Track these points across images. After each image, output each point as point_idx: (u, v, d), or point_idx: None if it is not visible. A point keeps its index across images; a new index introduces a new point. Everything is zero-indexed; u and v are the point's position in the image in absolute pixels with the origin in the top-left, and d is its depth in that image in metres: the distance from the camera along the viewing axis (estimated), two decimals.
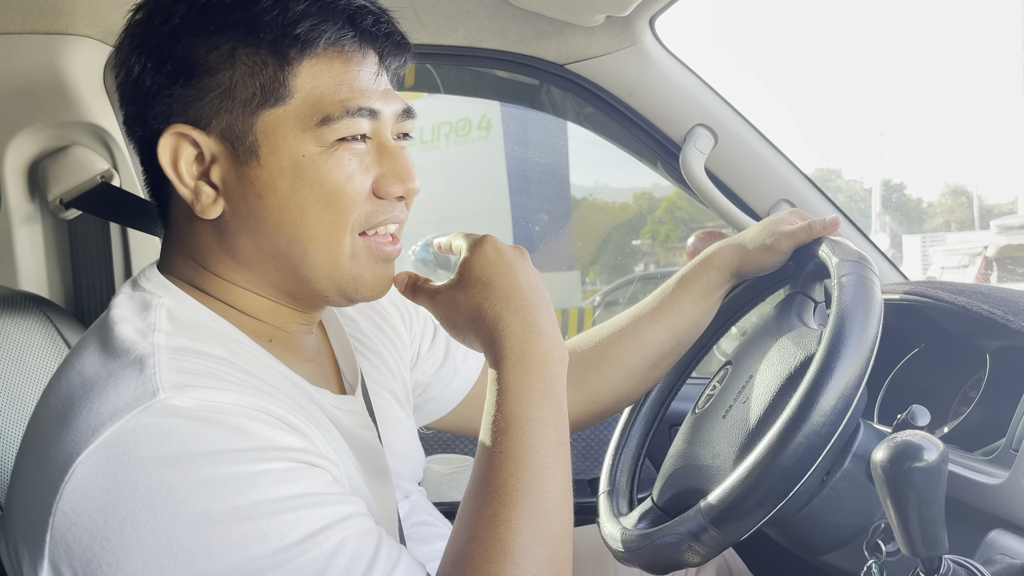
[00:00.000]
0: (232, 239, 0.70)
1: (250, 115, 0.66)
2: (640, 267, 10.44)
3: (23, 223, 1.29)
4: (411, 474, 0.94)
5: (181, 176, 0.67)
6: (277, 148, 0.67)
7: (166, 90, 0.67)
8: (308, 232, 0.68)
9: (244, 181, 0.67)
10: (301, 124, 0.67)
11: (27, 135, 1.26)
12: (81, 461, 0.56)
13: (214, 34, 0.66)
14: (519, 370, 0.68)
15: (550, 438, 0.66)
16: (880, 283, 0.83)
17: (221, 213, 0.68)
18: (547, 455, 0.65)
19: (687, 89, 1.33)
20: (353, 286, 0.72)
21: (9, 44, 1.22)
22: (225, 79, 0.66)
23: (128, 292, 0.71)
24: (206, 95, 0.66)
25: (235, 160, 0.67)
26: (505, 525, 0.62)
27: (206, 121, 0.67)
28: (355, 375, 0.84)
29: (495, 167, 7.87)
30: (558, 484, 0.65)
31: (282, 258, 0.70)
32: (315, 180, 0.67)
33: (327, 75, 0.67)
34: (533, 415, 0.67)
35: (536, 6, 1.21)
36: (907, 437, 0.64)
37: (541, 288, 0.75)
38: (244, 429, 0.58)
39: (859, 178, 29.10)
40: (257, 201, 0.67)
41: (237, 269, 0.71)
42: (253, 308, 0.73)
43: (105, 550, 0.55)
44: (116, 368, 0.61)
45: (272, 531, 0.56)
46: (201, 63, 0.66)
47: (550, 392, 0.69)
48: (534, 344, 0.70)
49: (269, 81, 0.66)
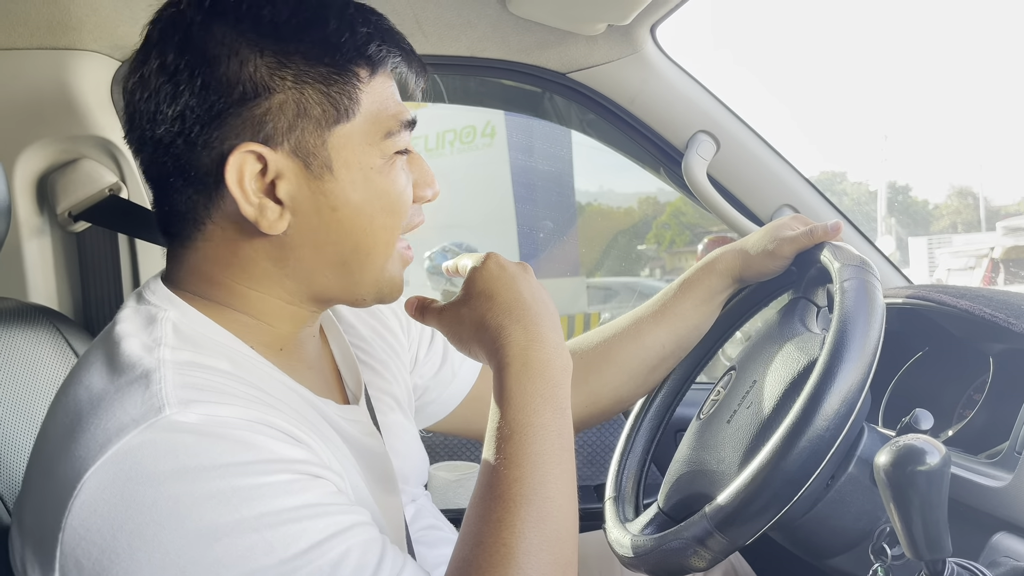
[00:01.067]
0: (291, 251, 0.71)
1: (322, 131, 0.68)
2: (645, 272, 10.43)
3: (33, 236, 1.30)
4: (416, 478, 0.95)
5: (246, 194, 0.67)
6: (348, 162, 0.70)
7: (232, 111, 0.66)
8: (374, 239, 0.72)
9: (318, 195, 0.69)
10: (367, 139, 0.70)
11: (36, 149, 1.28)
12: (89, 477, 0.57)
13: (286, 53, 0.67)
14: (522, 377, 0.69)
15: (553, 444, 0.67)
16: (883, 287, 0.83)
17: (286, 228, 0.69)
18: (550, 460, 0.66)
19: (688, 96, 1.34)
20: (389, 289, 0.76)
21: (18, 60, 1.24)
22: (298, 97, 0.67)
23: (133, 306, 0.71)
24: (278, 114, 0.67)
25: (308, 175, 0.69)
26: (509, 530, 0.62)
27: (276, 139, 0.67)
28: (358, 384, 0.85)
29: (500, 174, 7.88)
30: (562, 489, 0.66)
31: (340, 265, 0.72)
32: (382, 191, 0.71)
33: (382, 92, 0.71)
34: (536, 421, 0.67)
35: (538, 16, 1.22)
36: (910, 441, 0.64)
37: (545, 300, 0.76)
38: (248, 442, 0.59)
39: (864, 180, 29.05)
40: (331, 213, 0.70)
41: (280, 281, 0.72)
42: (273, 316, 0.74)
43: (114, 564, 0.56)
44: (122, 383, 0.62)
45: (277, 542, 0.56)
46: (272, 83, 0.67)
47: (553, 399, 0.69)
48: (536, 352, 0.70)
49: (340, 98, 0.69)
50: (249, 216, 0.68)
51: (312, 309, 0.76)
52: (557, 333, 0.74)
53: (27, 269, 1.29)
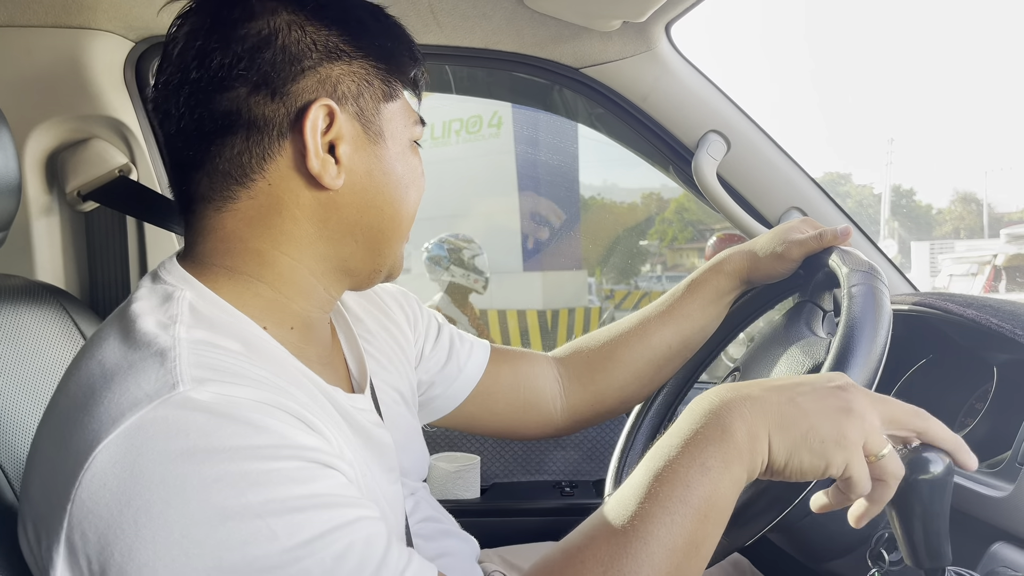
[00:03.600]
0: (335, 211, 0.73)
1: (379, 102, 0.75)
2: (647, 267, 10.43)
3: (41, 214, 1.30)
4: (417, 471, 0.95)
5: (317, 147, 0.71)
6: (395, 135, 0.76)
7: (320, 64, 0.71)
8: (406, 210, 0.78)
9: (372, 159, 0.75)
10: (404, 120, 0.77)
11: (47, 127, 1.28)
12: (101, 450, 0.57)
13: (360, 30, 0.74)
14: (709, 441, 0.63)
15: (684, 497, 0.61)
16: (889, 294, 0.83)
17: (340, 186, 0.73)
18: (672, 511, 0.61)
19: (701, 95, 1.34)
20: (398, 266, 0.81)
21: (32, 37, 1.24)
22: (366, 67, 0.74)
23: (149, 285, 0.71)
24: (349, 78, 0.73)
25: (367, 139, 0.74)
26: (593, 552, 0.60)
27: (345, 101, 0.72)
28: (363, 375, 0.85)
29: (505, 164, 7.87)
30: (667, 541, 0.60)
31: (375, 231, 0.76)
32: (414, 167, 0.78)
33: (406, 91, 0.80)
34: (706, 480, 0.62)
35: (553, 10, 1.22)
36: (915, 449, 0.65)
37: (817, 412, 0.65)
38: (260, 425, 0.58)
39: (869, 183, 28.97)
40: (383, 177, 0.75)
41: (313, 243, 0.74)
42: (294, 287, 0.74)
43: (118, 539, 0.56)
44: (137, 359, 0.62)
45: (281, 530, 0.56)
46: (347, 50, 0.73)
47: (715, 470, 0.62)
48: (737, 429, 0.63)
49: (391, 79, 0.76)
50: (313, 169, 0.71)
51: (329, 288, 0.77)
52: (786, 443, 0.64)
53: (35, 247, 1.29)
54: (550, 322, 6.83)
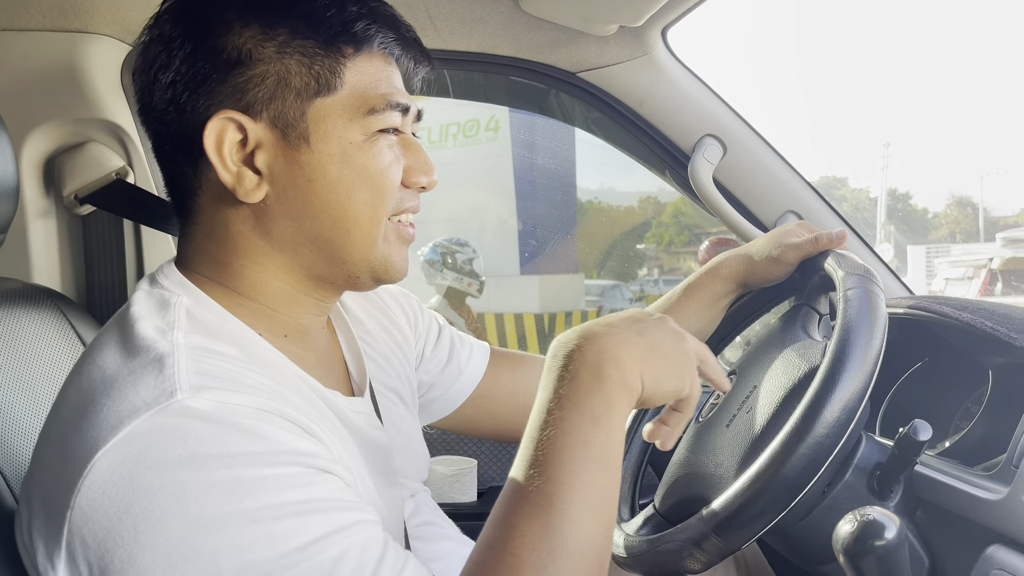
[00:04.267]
0: (271, 223, 0.72)
1: (302, 103, 0.70)
2: (644, 271, 10.44)
3: (38, 218, 1.30)
4: (417, 474, 0.95)
5: (224, 161, 0.69)
6: (327, 135, 0.70)
7: (216, 77, 0.69)
8: (353, 214, 0.72)
9: (294, 165, 0.70)
10: (348, 114, 0.71)
11: (44, 131, 1.28)
12: (100, 457, 0.57)
13: (271, 25, 0.69)
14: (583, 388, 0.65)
15: (584, 455, 0.63)
16: (885, 297, 0.84)
17: (263, 197, 0.71)
18: (579, 474, 0.62)
19: (697, 99, 1.34)
20: (384, 267, 0.76)
21: (29, 41, 1.24)
22: (280, 68, 0.69)
23: (146, 289, 0.72)
24: (259, 83, 0.69)
25: (285, 146, 0.70)
26: (520, 538, 0.60)
27: (256, 108, 0.69)
28: (363, 377, 0.85)
29: (502, 168, 7.88)
30: (581, 502, 0.62)
31: (322, 240, 0.72)
32: (361, 166, 0.72)
33: (372, 71, 0.72)
34: (578, 436, 0.63)
35: (550, 15, 1.22)
36: (869, 515, 0.67)
37: (669, 353, 0.70)
38: (257, 432, 0.59)
39: (865, 187, 29.05)
40: (307, 185, 0.71)
41: (270, 254, 0.73)
42: (276, 299, 0.74)
43: (118, 546, 0.56)
44: (136, 366, 0.62)
45: (279, 535, 0.56)
46: (255, 53, 0.69)
47: (604, 417, 0.64)
48: (610, 369, 0.66)
49: (323, 72, 0.70)
50: (227, 183, 0.70)
51: (314, 295, 0.76)
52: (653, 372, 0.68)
53: (32, 251, 1.29)
54: (547, 326, 6.84)
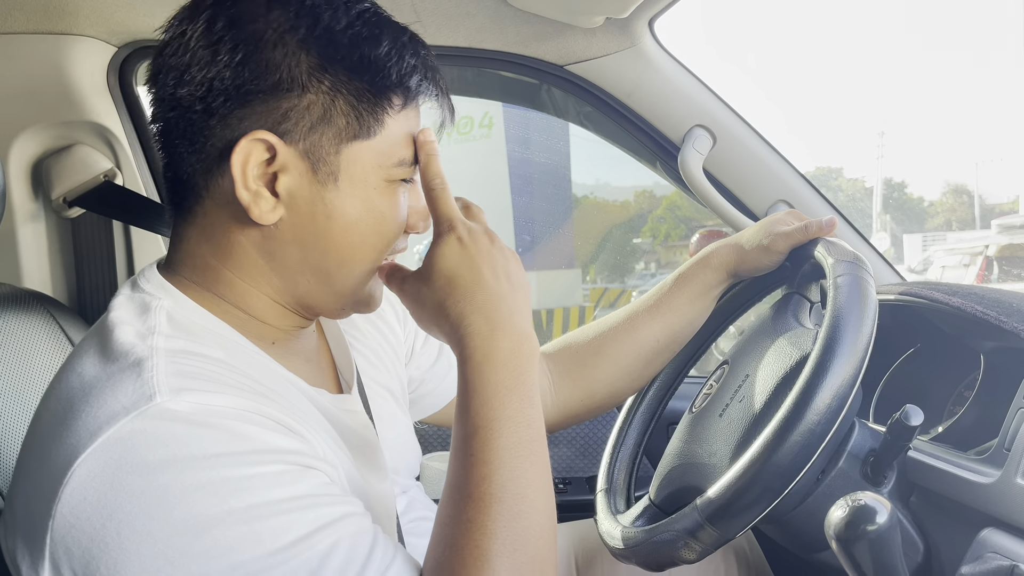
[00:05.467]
0: (277, 247, 0.70)
1: (339, 142, 0.68)
2: (640, 265, 10.44)
3: (27, 221, 1.30)
4: (408, 469, 0.95)
5: (246, 179, 0.67)
6: (354, 177, 0.69)
7: (261, 96, 0.66)
8: (360, 256, 0.72)
9: (317, 200, 0.69)
10: (379, 160, 0.70)
11: (31, 134, 1.27)
12: (79, 464, 0.57)
13: (331, 60, 0.67)
14: (484, 368, 0.67)
15: (521, 436, 0.65)
16: (876, 284, 0.84)
17: (276, 221, 0.69)
18: (519, 454, 0.64)
19: (686, 90, 1.34)
20: (367, 301, 0.76)
21: (14, 44, 1.24)
22: (326, 103, 0.67)
23: (127, 293, 0.71)
24: (303, 113, 0.67)
25: (313, 179, 0.68)
26: (481, 531, 0.61)
27: (294, 136, 0.67)
28: (351, 373, 0.85)
29: (497, 165, 7.87)
30: (533, 483, 0.64)
31: (323, 273, 0.71)
32: (378, 212, 0.71)
33: (409, 122, 0.72)
34: (502, 415, 0.66)
35: (536, 8, 1.22)
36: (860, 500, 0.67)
37: (511, 277, 0.73)
38: (239, 432, 0.58)
39: (860, 177, 29.09)
40: (326, 220, 0.69)
41: (266, 275, 0.72)
42: (263, 312, 0.73)
43: (103, 553, 0.56)
44: (114, 371, 0.61)
45: (266, 533, 0.56)
46: (308, 83, 0.66)
47: (519, 388, 0.67)
48: (500, 341, 0.68)
49: (367, 117, 0.69)
50: (242, 200, 0.67)
51: (297, 311, 0.75)
52: (522, 317, 0.71)
53: (21, 255, 1.29)
54: (544, 321, 6.83)
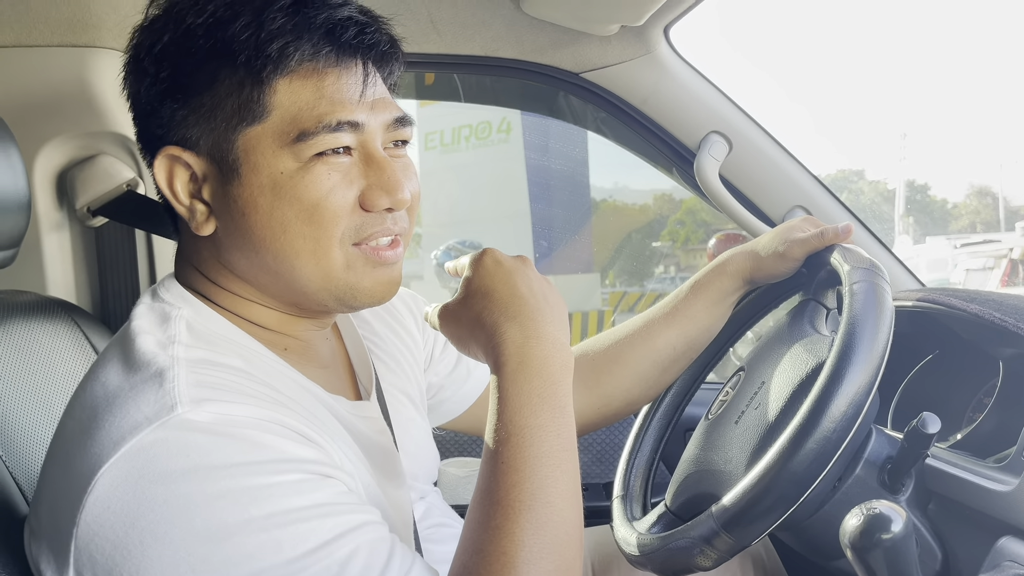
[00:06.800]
0: (228, 254, 0.71)
1: (231, 133, 0.67)
2: (660, 269, 10.40)
3: (52, 230, 1.32)
4: (426, 475, 0.96)
5: (176, 194, 0.69)
6: (256, 165, 0.67)
7: (157, 111, 0.69)
8: (293, 248, 0.68)
9: (229, 199, 0.68)
10: (279, 141, 0.67)
11: (56, 145, 1.30)
12: (103, 473, 0.58)
13: (196, 55, 0.67)
14: (518, 376, 0.68)
15: (552, 445, 0.65)
16: (893, 290, 0.84)
17: (215, 230, 0.70)
18: (549, 463, 0.65)
19: (701, 97, 1.34)
20: (351, 294, 0.72)
21: (39, 57, 1.26)
22: (208, 99, 0.67)
23: (148, 303, 0.72)
24: (192, 115, 0.68)
25: (221, 178, 0.69)
26: (509, 538, 0.61)
27: (194, 141, 0.68)
28: (370, 379, 0.86)
29: (515, 170, 7.88)
30: (562, 493, 0.64)
31: (275, 273, 0.71)
32: (294, 196, 0.67)
33: (305, 91, 0.67)
34: (534, 423, 0.66)
35: (551, 16, 1.23)
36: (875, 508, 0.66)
37: (545, 294, 0.74)
38: (259, 442, 0.59)
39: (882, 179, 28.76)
40: (242, 219, 0.68)
41: (238, 283, 0.73)
42: (262, 319, 0.74)
43: (126, 560, 0.57)
44: (137, 381, 0.63)
45: (286, 541, 0.57)
46: (186, 84, 0.67)
47: (551, 398, 0.67)
48: (533, 349, 0.69)
49: (246, 100, 0.66)
50: (183, 216, 0.70)
51: (294, 313, 0.75)
52: (557, 328, 0.71)
53: (46, 263, 1.31)
54: None
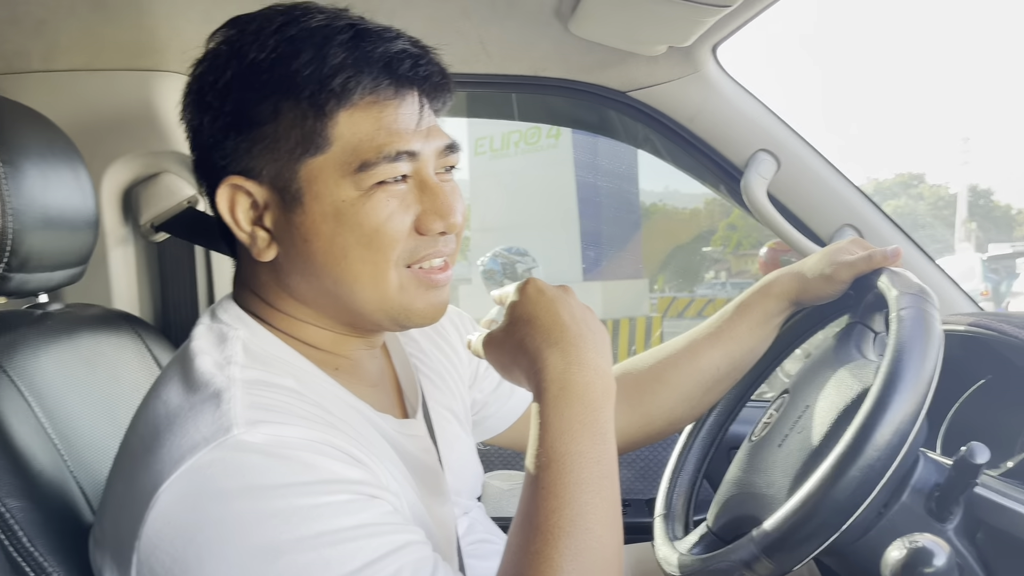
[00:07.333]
0: (288, 279, 0.75)
1: (294, 164, 0.70)
2: (711, 274, 10.27)
3: (117, 245, 1.37)
4: (470, 490, 0.97)
5: (238, 222, 0.72)
6: (319, 194, 0.70)
7: (221, 143, 0.72)
8: (352, 272, 0.72)
9: (291, 226, 0.72)
10: (340, 171, 0.70)
11: (122, 163, 1.35)
12: (164, 490, 0.61)
13: (260, 89, 0.70)
14: (559, 402, 0.69)
15: (592, 472, 0.66)
16: (948, 312, 0.83)
17: (276, 256, 0.73)
18: (589, 490, 0.65)
19: (749, 115, 1.34)
20: (405, 315, 0.75)
21: (107, 80, 1.32)
22: (271, 131, 0.70)
23: (207, 323, 0.76)
24: (255, 146, 0.71)
25: (283, 207, 0.71)
26: (547, 563, 0.62)
27: (257, 171, 0.71)
28: (416, 398, 0.88)
29: (564, 175, 7.88)
30: (602, 519, 0.65)
31: (332, 296, 0.74)
32: (355, 223, 0.70)
33: (366, 122, 0.70)
34: (574, 449, 0.67)
35: (598, 37, 1.23)
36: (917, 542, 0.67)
37: (587, 321, 0.75)
38: (310, 463, 0.62)
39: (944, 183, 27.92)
40: (304, 245, 0.72)
41: (296, 306, 0.76)
42: (316, 339, 0.77)
43: (185, 573, 0.60)
44: (196, 401, 0.66)
45: (334, 560, 0.59)
46: (250, 117, 0.70)
47: (592, 424, 0.68)
48: (575, 376, 0.70)
49: (309, 132, 0.69)
50: (243, 242, 0.73)
51: (348, 333, 0.78)
52: (598, 355, 0.72)
53: (112, 277, 1.37)
54: (611, 331, 6.81)
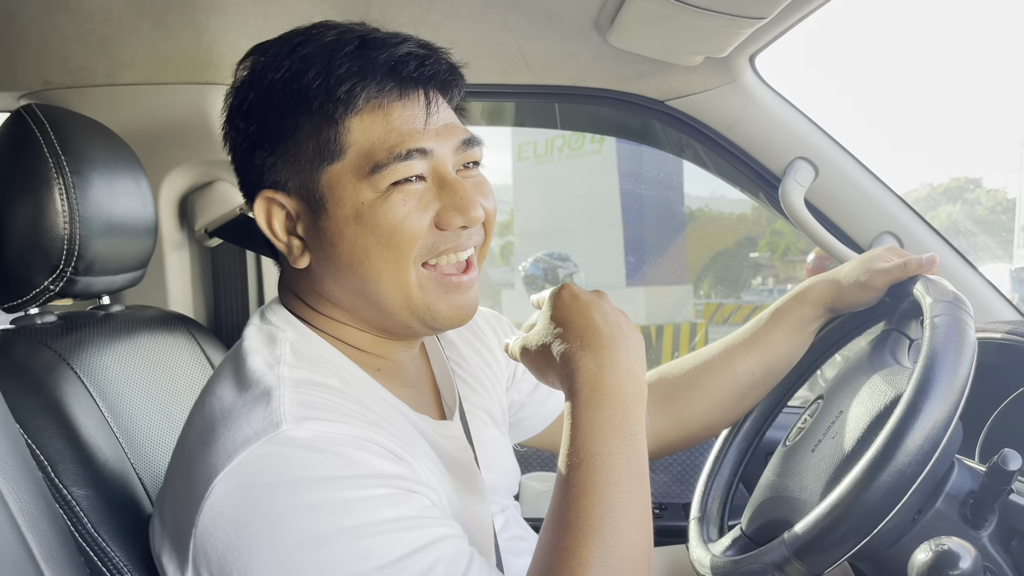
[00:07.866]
0: (322, 283, 0.79)
1: (315, 173, 0.74)
2: (758, 280, 10.12)
3: (174, 250, 1.44)
4: (507, 489, 1.00)
5: (275, 232, 0.77)
6: (340, 199, 0.74)
7: (251, 160, 0.77)
8: (375, 271, 0.75)
9: (319, 233, 0.75)
10: (357, 174, 0.73)
11: (179, 172, 1.42)
12: (218, 482, 0.65)
13: (278, 107, 0.74)
14: (591, 404, 0.71)
15: (623, 472, 0.68)
16: (988, 320, 0.83)
17: (310, 262, 0.78)
18: (619, 489, 0.67)
19: (787, 123, 1.35)
20: (430, 315, 0.78)
21: (166, 93, 1.38)
22: (292, 144, 0.74)
23: (257, 324, 0.81)
24: (280, 160, 0.75)
25: (311, 215, 0.75)
26: (577, 560, 0.64)
27: (284, 183, 0.76)
28: (454, 400, 0.91)
29: (608, 180, 7.85)
30: (631, 518, 0.67)
31: (362, 297, 0.77)
32: (374, 224, 0.73)
33: (375, 126, 0.73)
34: (604, 449, 0.69)
35: (637, 48, 1.25)
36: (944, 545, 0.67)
37: (620, 325, 0.77)
38: (352, 458, 0.66)
39: (1001, 187, 27.06)
40: (331, 249, 0.75)
41: (334, 308, 0.80)
42: (357, 341, 0.81)
43: (236, 559, 0.64)
44: (248, 399, 0.70)
45: (374, 550, 0.63)
46: (272, 134, 0.75)
47: (623, 426, 0.70)
48: (607, 378, 0.72)
49: (324, 141, 0.73)
50: (282, 251, 0.78)
51: (385, 336, 0.82)
52: (631, 358, 0.74)
53: (168, 281, 1.43)
54: (654, 337, 6.77)
